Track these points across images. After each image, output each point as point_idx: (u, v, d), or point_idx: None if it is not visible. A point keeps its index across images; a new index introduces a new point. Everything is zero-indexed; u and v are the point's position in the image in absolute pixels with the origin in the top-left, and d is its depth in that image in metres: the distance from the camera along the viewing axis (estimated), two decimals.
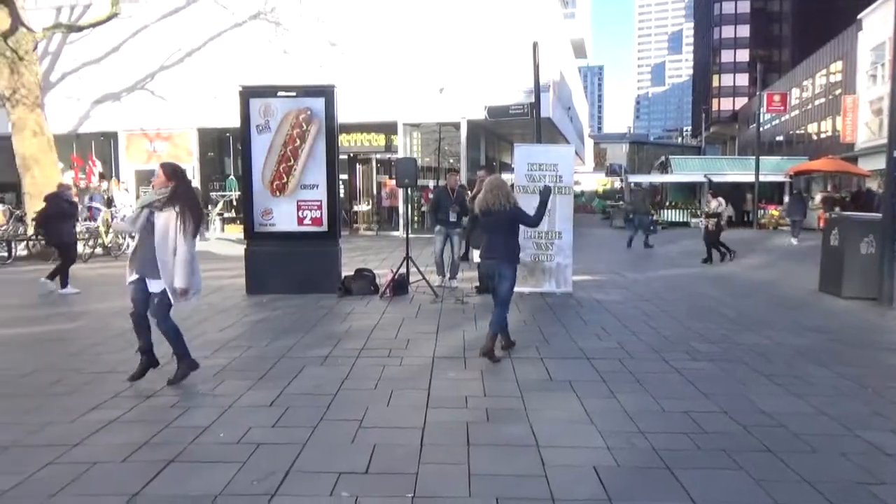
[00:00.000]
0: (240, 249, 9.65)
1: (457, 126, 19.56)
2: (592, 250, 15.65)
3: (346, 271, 9.48)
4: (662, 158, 40.68)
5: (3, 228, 15.08)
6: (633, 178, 32.76)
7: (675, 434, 4.04)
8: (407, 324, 7.28)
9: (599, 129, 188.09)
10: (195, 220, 4.86)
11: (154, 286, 4.87)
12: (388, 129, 19.80)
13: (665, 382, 5.11)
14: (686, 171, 31.30)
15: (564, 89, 26.01)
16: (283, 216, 9.16)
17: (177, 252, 4.79)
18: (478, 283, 9.25)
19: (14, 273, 12.29)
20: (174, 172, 4.93)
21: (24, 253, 14.25)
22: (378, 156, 21.91)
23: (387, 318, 7.62)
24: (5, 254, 13.88)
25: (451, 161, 20.75)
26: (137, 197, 18.07)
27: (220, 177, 21.86)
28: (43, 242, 13.34)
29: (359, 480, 3.41)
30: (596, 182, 54.48)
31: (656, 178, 34.92)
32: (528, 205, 8.85)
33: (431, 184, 19.81)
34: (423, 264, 9.59)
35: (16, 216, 16.07)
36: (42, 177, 14.75)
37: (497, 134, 26.06)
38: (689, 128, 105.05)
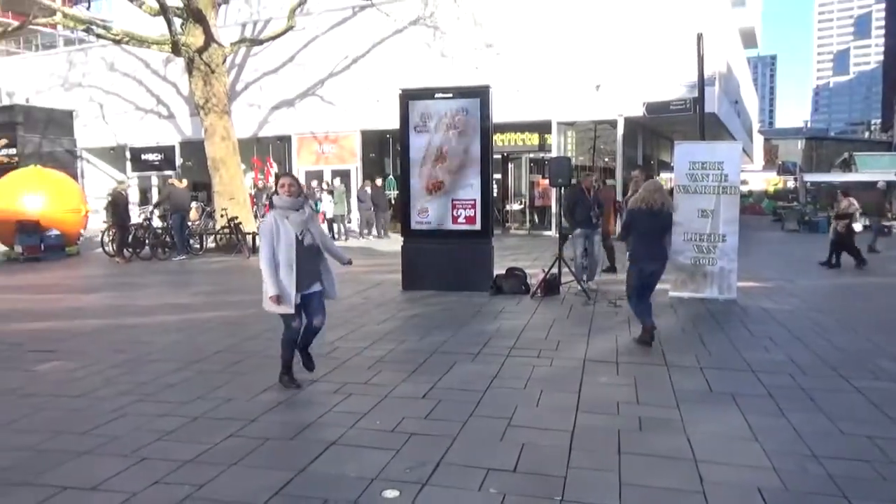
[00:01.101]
0: (397, 246, 10.08)
1: (613, 124, 19.01)
2: (760, 255, 14.50)
3: (498, 270, 9.57)
4: (845, 155, 36.69)
5: (196, 223, 16.92)
6: (810, 178, 29.90)
7: (855, 461, 3.65)
8: (558, 325, 7.22)
9: (771, 123, 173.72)
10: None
11: (316, 287, 5.00)
12: (542, 127, 19.68)
13: (843, 402, 4.63)
14: (873, 169, 27.97)
15: (731, 82, 24.36)
16: (438, 214, 9.44)
17: (325, 243, 5.08)
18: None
19: (204, 263, 13.78)
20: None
21: (213, 245, 15.93)
22: (531, 155, 21.86)
23: (537, 318, 7.61)
24: (198, 246, 15.60)
25: (607, 160, 20.21)
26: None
27: (379, 176, 22.96)
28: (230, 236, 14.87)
29: (507, 478, 3.44)
30: (765, 181, 50.38)
31: (837, 176, 31.59)
32: (690, 206, 8.52)
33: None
34: None
35: (206, 212, 17.97)
36: (228, 177, 16.40)
37: (656, 131, 24.99)
38: (879, 121, 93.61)
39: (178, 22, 15.91)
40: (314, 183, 19.68)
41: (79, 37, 29.19)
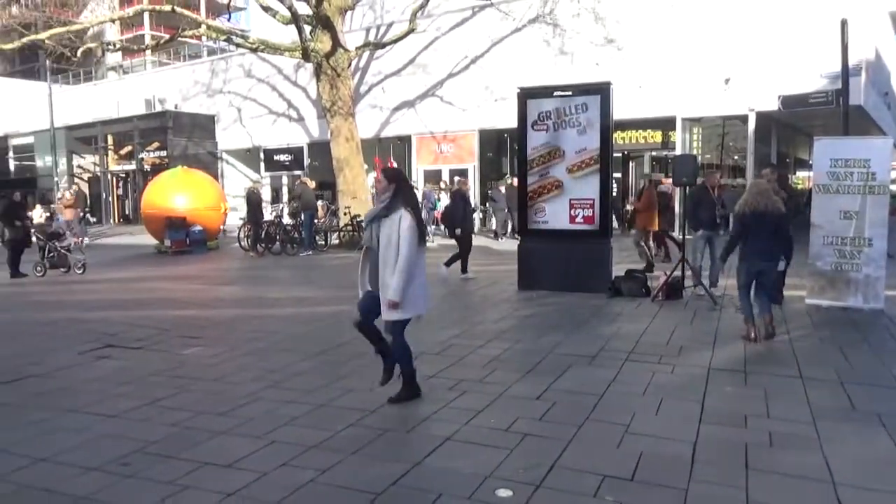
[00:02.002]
0: (514, 245, 10.08)
1: (744, 119, 17.90)
2: None
3: (617, 272, 9.32)
4: None
5: (321, 221, 17.79)
6: None
7: None
8: (680, 330, 6.91)
9: None
10: (418, 223, 4.47)
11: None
12: (666, 124, 18.90)
13: None
14: None
15: (881, 71, 22.17)
16: (555, 214, 9.33)
17: (398, 259, 4.39)
18: None
19: (328, 259, 14.46)
20: (395, 175, 4.63)
21: (336, 242, 16.68)
22: (653, 153, 21.08)
23: (658, 322, 7.33)
24: (322, 242, 16.39)
25: (736, 158, 19.10)
26: (423, 196, 19.83)
27: (496, 175, 23.02)
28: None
29: (623, 487, 3.35)
30: None
31: None
32: (831, 207, 7.87)
33: None
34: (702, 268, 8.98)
35: (331, 211, 18.82)
36: (351, 176, 17.09)
37: (792, 126, 23.26)
38: None
39: (307, 29, 16.77)
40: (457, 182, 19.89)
41: (220, 46, 31.53)
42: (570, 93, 9.27)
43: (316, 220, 16.60)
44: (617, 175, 20.43)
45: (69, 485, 3.46)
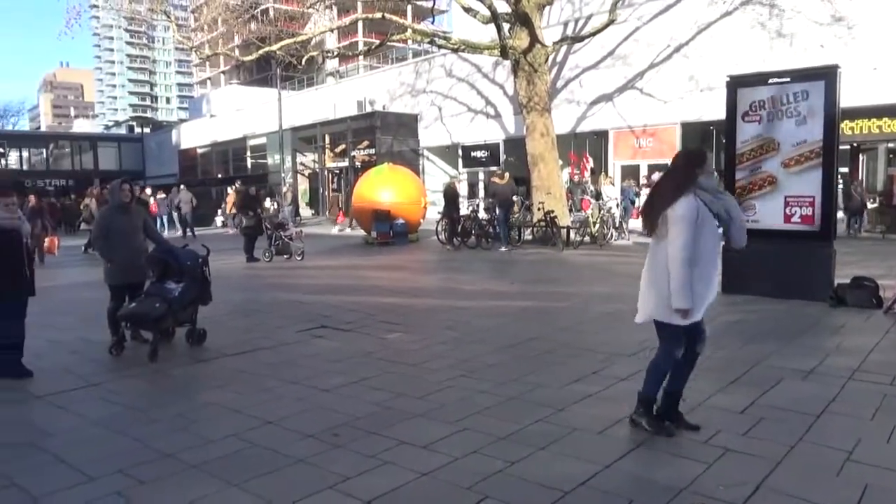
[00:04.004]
0: None
1: None
2: None
3: (841, 278, 8.31)
4: None
5: (516, 216, 18.03)
6: None
7: None
8: None
9: None
10: None
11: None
12: None
13: None
14: None
15: None
16: (767, 212, 8.55)
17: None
18: None
19: (522, 254, 14.64)
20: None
21: (529, 237, 16.82)
22: (890, 144, 18.42)
23: (892, 337, 6.42)
24: (516, 237, 16.63)
25: None
26: (622, 191, 19.22)
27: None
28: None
29: None
30: None
31: None
32: None
33: None
34: None
35: (525, 206, 19.01)
36: (545, 172, 17.09)
37: None
38: None
39: (506, 27, 17.04)
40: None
41: (424, 48, 33.22)
42: (787, 79, 8.42)
43: (511, 216, 16.86)
44: (843, 169, 18.17)
45: (290, 448, 3.91)
